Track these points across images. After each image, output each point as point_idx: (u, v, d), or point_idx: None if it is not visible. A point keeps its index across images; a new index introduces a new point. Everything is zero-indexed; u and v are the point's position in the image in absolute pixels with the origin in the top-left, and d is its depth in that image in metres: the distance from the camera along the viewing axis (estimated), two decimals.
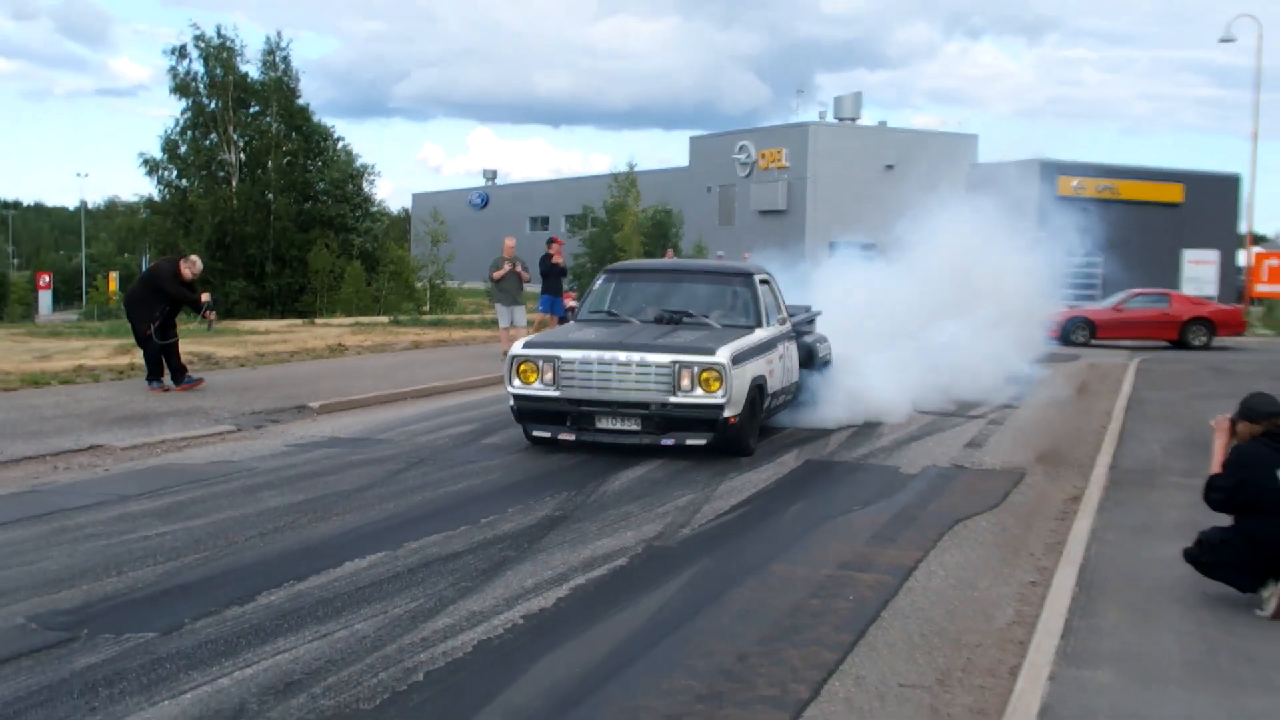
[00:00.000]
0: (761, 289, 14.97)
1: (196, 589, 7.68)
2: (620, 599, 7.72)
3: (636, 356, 12.72)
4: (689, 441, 12.69)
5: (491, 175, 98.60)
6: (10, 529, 9.12)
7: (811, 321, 17.60)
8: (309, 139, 55.85)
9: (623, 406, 12.83)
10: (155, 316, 16.42)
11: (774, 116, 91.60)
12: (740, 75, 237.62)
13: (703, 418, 12.67)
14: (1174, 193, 64.01)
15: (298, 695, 5.94)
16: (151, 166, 54.13)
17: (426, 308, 48.25)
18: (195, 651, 6.51)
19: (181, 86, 53.46)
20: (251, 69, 54.68)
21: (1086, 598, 7.61)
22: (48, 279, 67.96)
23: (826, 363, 16.76)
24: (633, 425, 12.81)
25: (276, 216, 53.21)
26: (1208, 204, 63.42)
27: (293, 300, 52.09)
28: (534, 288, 24.01)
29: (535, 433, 13.27)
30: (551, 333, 15.74)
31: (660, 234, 53.19)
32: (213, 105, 53.80)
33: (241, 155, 54.79)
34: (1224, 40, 46.40)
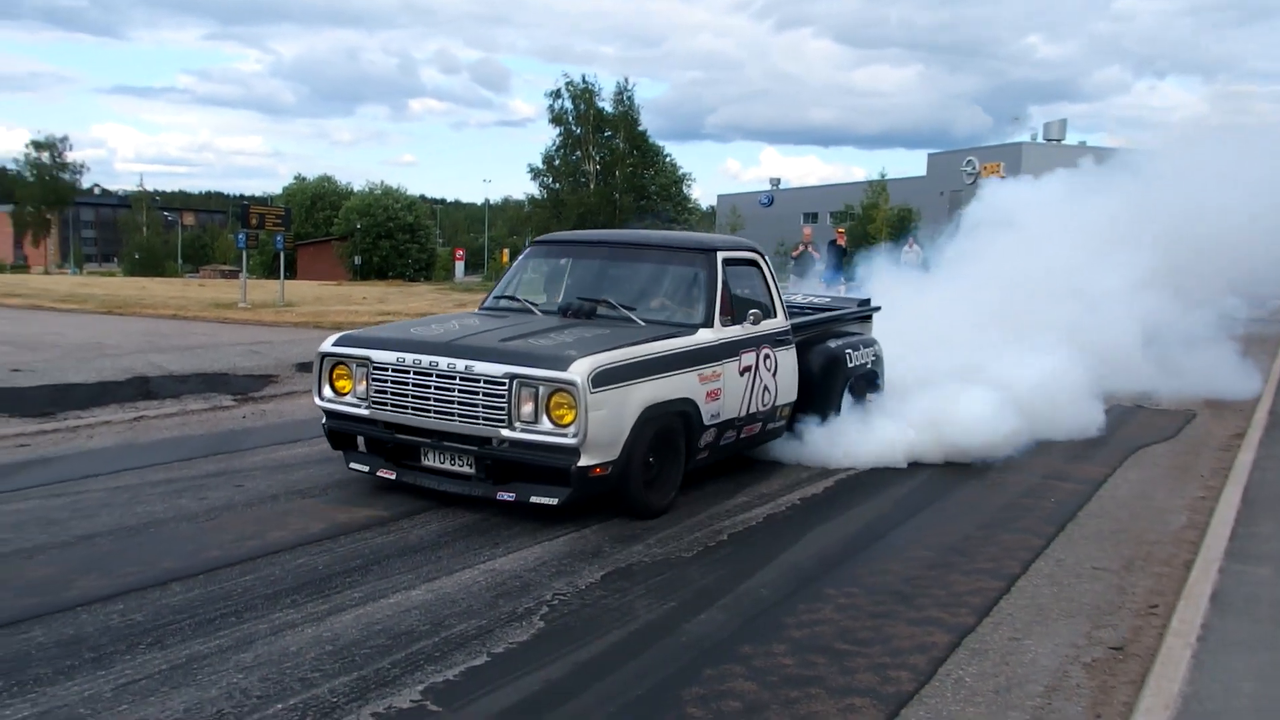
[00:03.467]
0: (732, 271, 7.56)
1: None
2: (871, 491, 7.57)
3: (461, 364, 6.25)
4: (534, 499, 6.15)
5: (776, 181, 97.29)
6: None
7: (863, 319, 9.67)
8: (645, 155, 56.54)
9: (449, 439, 6.41)
10: None
11: (994, 138, 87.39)
12: (967, 108, 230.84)
13: (549, 464, 6.10)
14: None
15: (637, 544, 6.08)
16: (535, 174, 56.16)
17: None
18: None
19: (557, 118, 54.94)
20: (606, 105, 55.74)
21: (1249, 511, 7.01)
22: (462, 253, 71.26)
23: (871, 377, 9.04)
24: (464, 467, 6.42)
25: (621, 210, 54.29)
26: None
27: None
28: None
29: (352, 465, 6.94)
30: (391, 325, 8.28)
31: (902, 227, 51.73)
32: (578, 131, 55.18)
33: (597, 166, 56.06)
34: None
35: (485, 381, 6.15)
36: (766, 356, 7.57)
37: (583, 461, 5.98)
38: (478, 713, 3.88)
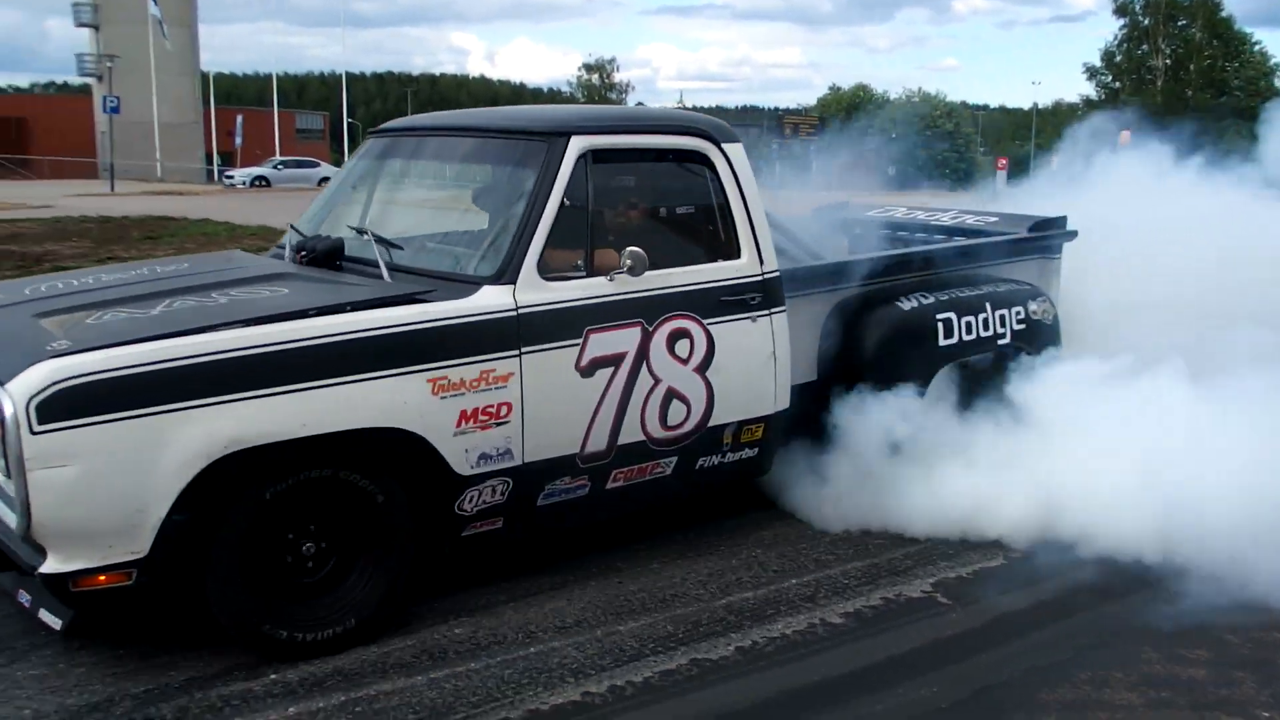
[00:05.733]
0: (611, 176, 4.06)
1: None
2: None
3: None
4: (42, 614, 3.18)
5: None
6: None
7: (1028, 249, 5.45)
8: (1228, 44, 50.10)
9: None
10: None
11: None
12: None
13: (16, 560, 3.14)
14: None
15: None
16: (1091, 74, 52.24)
17: None
18: None
19: (1121, 9, 50.39)
20: None
21: None
22: (1004, 162, 68.24)
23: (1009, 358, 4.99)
24: None
25: (1192, 109, 48.63)
26: None
27: None
28: None
29: None
30: (80, 272, 4.66)
31: None
32: (1146, 22, 50.15)
33: (1166, 61, 50.65)
34: None
35: None
36: (678, 336, 3.99)
37: (52, 565, 3.02)
38: (985, 610, 3.80)
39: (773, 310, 4.28)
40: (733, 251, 4.24)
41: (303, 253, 4.16)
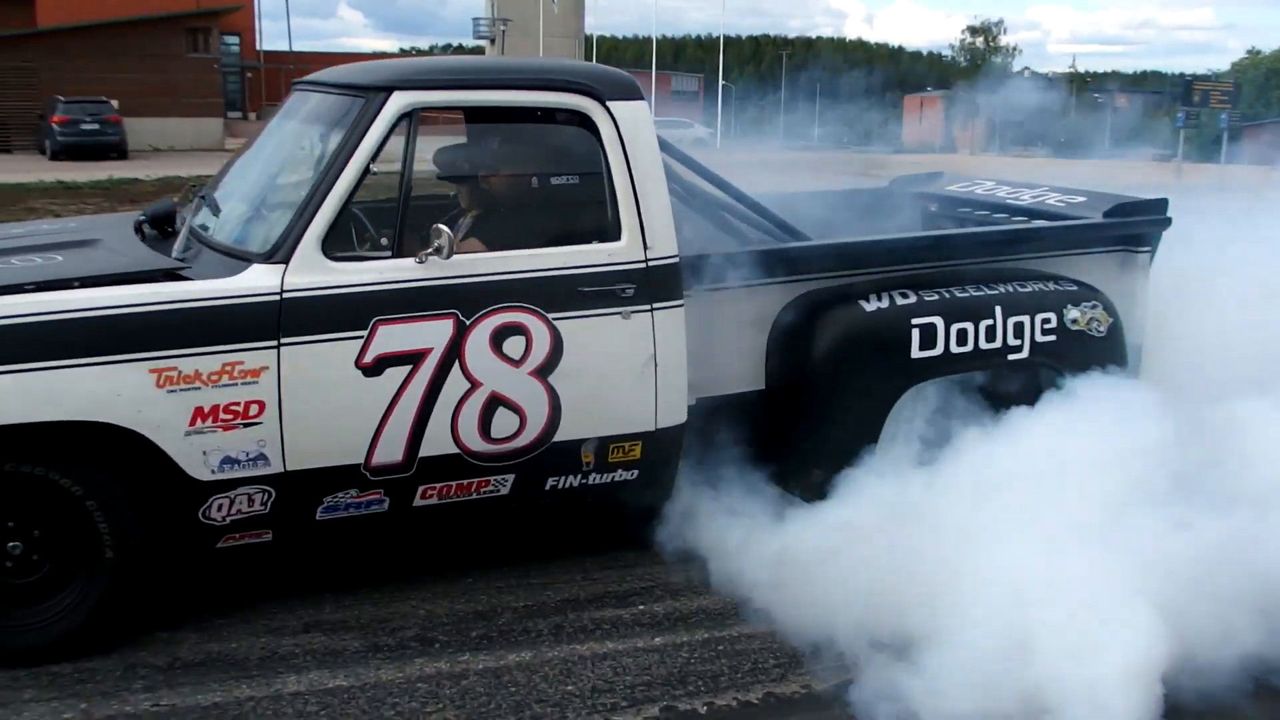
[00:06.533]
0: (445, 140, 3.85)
1: None
2: None
3: None
4: None
5: None
6: None
7: (1084, 240, 4.29)
8: None
9: None
10: None
11: None
12: None
13: None
14: None
15: None
16: None
17: None
18: None
19: None
20: None
21: None
22: None
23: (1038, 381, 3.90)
24: None
25: None
26: None
27: None
28: None
29: None
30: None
31: None
32: None
33: None
34: None
35: None
36: (508, 332, 3.34)
37: None
38: None
39: (658, 305, 3.51)
40: (611, 233, 3.51)
41: (142, 218, 3.83)
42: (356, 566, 3.75)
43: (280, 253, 3.18)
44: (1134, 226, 4.35)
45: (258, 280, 3.14)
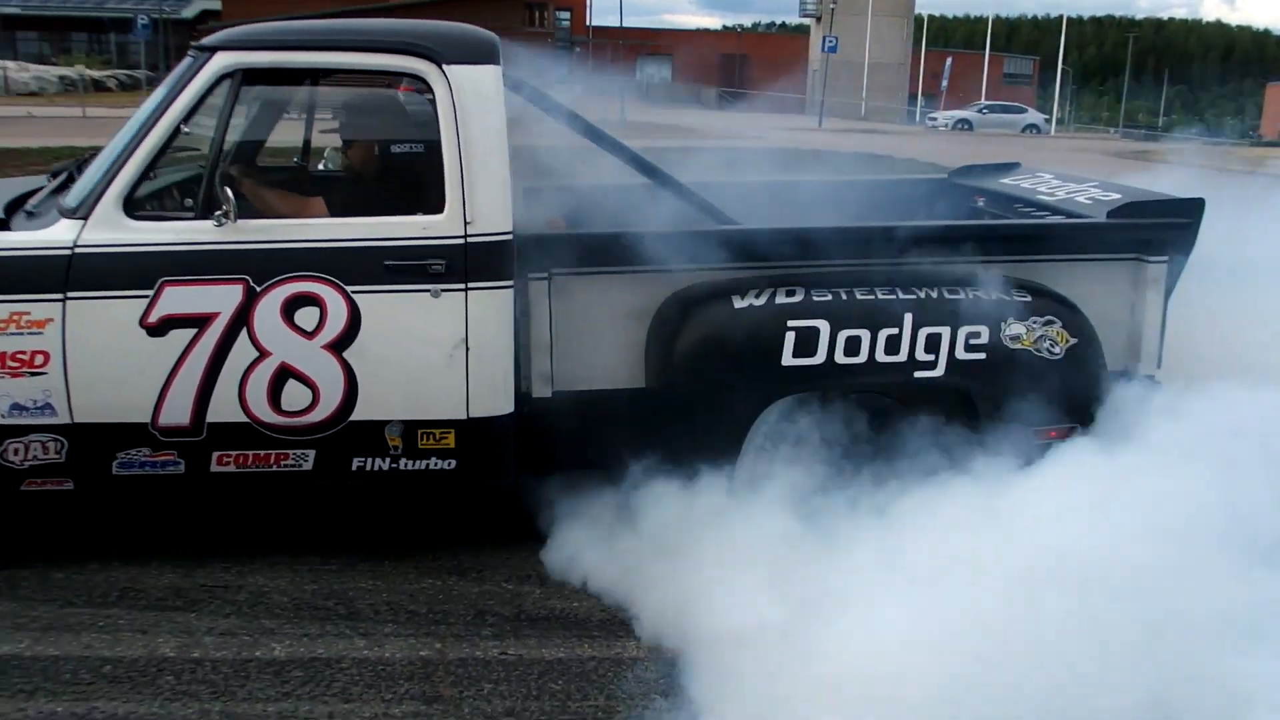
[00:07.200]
0: (259, 101, 3.69)
1: None
2: None
3: None
4: None
5: None
6: None
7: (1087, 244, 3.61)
8: None
9: None
10: None
11: None
12: None
13: None
14: None
15: None
16: None
17: None
18: None
19: None
20: None
21: None
22: None
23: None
24: None
25: None
26: None
27: None
28: None
29: None
30: None
31: None
32: None
33: None
34: None
35: None
36: (300, 302, 3.20)
37: None
38: None
39: (474, 285, 3.26)
40: (434, 205, 3.29)
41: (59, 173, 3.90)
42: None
43: (82, 209, 3.23)
44: (1146, 232, 3.61)
45: (54, 235, 3.21)
